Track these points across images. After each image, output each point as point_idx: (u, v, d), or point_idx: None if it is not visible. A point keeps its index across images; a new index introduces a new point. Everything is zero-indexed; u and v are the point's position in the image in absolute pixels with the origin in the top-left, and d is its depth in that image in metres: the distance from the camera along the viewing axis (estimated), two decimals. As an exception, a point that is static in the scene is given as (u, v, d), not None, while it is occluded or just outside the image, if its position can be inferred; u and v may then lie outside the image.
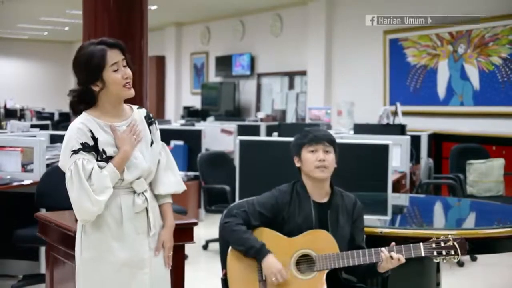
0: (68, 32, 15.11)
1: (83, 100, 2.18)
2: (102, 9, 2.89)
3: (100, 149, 2.12)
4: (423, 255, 2.35)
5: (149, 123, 2.28)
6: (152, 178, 2.26)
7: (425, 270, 3.13)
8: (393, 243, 2.39)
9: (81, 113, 2.18)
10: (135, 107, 2.31)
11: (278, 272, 2.36)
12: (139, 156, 2.18)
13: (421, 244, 2.36)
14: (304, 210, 2.46)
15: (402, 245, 2.37)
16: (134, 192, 2.18)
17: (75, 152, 2.08)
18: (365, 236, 2.56)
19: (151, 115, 2.31)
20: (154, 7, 10.39)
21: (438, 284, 3.24)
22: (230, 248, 2.47)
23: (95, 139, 2.12)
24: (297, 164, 2.55)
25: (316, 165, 2.47)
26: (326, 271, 2.39)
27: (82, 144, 2.09)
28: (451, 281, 4.28)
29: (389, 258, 2.35)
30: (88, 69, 2.12)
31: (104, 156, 2.12)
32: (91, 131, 2.12)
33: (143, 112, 2.29)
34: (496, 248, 2.89)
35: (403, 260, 2.36)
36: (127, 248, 2.16)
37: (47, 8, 11.80)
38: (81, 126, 2.12)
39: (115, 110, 2.19)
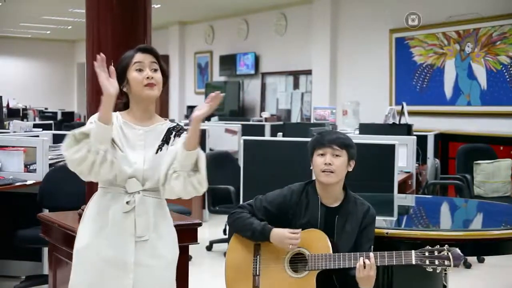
0: (71, 31, 15.12)
1: (120, 103, 2.22)
2: (105, 8, 2.87)
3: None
4: (413, 263, 2.30)
5: (171, 132, 2.24)
6: (154, 184, 2.19)
7: (432, 272, 3.09)
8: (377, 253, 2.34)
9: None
10: (169, 122, 2.28)
11: (288, 238, 2.35)
12: (138, 159, 2.16)
13: (412, 251, 2.31)
14: (310, 212, 2.44)
15: (394, 251, 2.33)
16: (127, 192, 2.16)
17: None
18: (372, 246, 2.49)
19: (177, 127, 2.26)
20: (157, 6, 10.38)
21: (445, 286, 3.20)
22: (231, 238, 2.50)
23: None
24: (311, 167, 2.53)
25: (322, 168, 2.42)
26: (317, 271, 2.37)
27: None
28: (457, 283, 4.25)
29: (362, 268, 2.29)
30: (118, 70, 2.16)
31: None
32: None
33: (171, 125, 2.26)
34: (503, 250, 2.85)
35: (372, 273, 2.29)
36: (109, 247, 2.15)
37: (50, 7, 11.81)
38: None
39: (143, 114, 2.20)
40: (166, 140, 2.22)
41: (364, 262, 2.30)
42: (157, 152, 2.19)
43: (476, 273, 4.84)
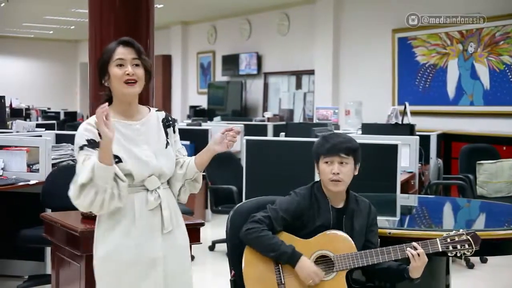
0: (73, 31, 15.14)
1: (105, 98, 2.22)
2: (108, 8, 2.88)
3: None
4: (440, 250, 2.35)
5: (167, 125, 2.29)
6: (167, 178, 2.26)
7: (435, 272, 3.10)
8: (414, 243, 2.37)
9: None
10: (154, 109, 2.32)
11: (314, 273, 2.35)
12: (150, 156, 2.19)
13: (437, 239, 2.37)
14: (323, 215, 2.44)
15: (419, 241, 2.37)
16: (147, 190, 2.19)
17: (81, 148, 2.12)
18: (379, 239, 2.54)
19: (169, 118, 2.32)
20: (160, 6, 10.38)
21: (448, 286, 3.21)
22: (245, 250, 2.44)
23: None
24: (317, 171, 2.52)
25: (330, 178, 2.42)
26: (345, 271, 2.39)
27: (87, 140, 2.12)
28: (460, 283, 4.25)
29: (416, 256, 2.32)
30: (99, 64, 2.18)
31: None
32: (97, 130, 2.12)
33: (161, 115, 2.30)
34: (506, 250, 2.86)
35: (425, 258, 2.33)
36: (138, 247, 2.16)
37: (53, 7, 11.82)
38: (89, 126, 2.14)
39: (127, 109, 2.20)
40: (166, 135, 2.27)
41: (418, 254, 2.31)
42: (166, 147, 2.25)
43: (478, 273, 4.84)
